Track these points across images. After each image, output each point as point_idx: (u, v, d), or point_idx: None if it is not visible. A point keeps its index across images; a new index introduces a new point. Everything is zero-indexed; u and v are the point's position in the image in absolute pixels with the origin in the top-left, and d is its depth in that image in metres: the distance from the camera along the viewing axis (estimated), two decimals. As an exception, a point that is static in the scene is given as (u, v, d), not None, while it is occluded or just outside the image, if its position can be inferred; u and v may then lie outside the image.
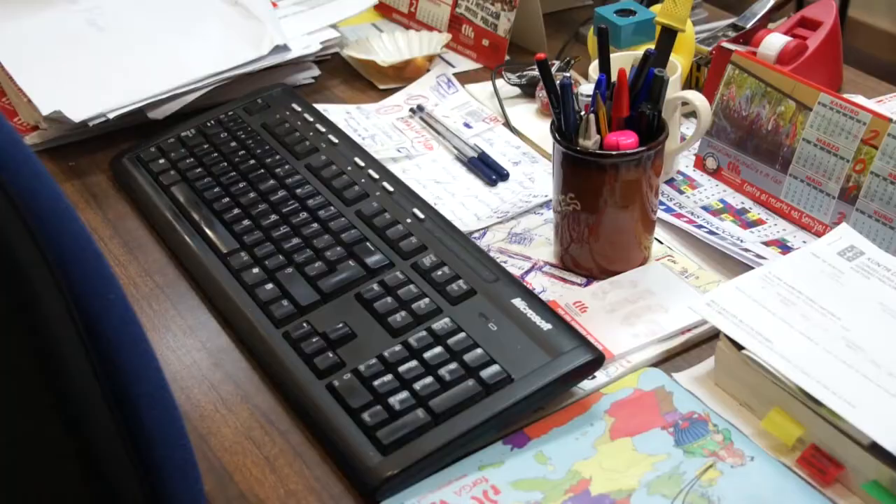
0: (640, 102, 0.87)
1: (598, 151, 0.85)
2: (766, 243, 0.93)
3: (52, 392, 0.56)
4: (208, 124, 1.07)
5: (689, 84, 1.14)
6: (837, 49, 1.15)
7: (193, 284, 0.91)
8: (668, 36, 0.91)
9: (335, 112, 1.14)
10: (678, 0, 0.90)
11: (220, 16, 1.20)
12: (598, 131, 0.85)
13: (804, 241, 0.93)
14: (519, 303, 0.80)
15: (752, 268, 0.85)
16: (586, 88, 0.89)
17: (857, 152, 0.91)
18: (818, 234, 0.93)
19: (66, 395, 0.56)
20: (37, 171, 0.58)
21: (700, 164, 1.04)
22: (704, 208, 0.99)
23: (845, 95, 1.05)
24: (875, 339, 0.75)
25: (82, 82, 1.11)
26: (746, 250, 0.90)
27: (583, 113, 0.86)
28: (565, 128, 0.86)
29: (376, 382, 0.75)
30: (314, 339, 0.80)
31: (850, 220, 0.91)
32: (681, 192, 1.01)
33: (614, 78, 0.87)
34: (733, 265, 0.90)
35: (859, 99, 1.05)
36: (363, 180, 0.96)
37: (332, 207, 0.93)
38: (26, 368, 0.57)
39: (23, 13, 1.22)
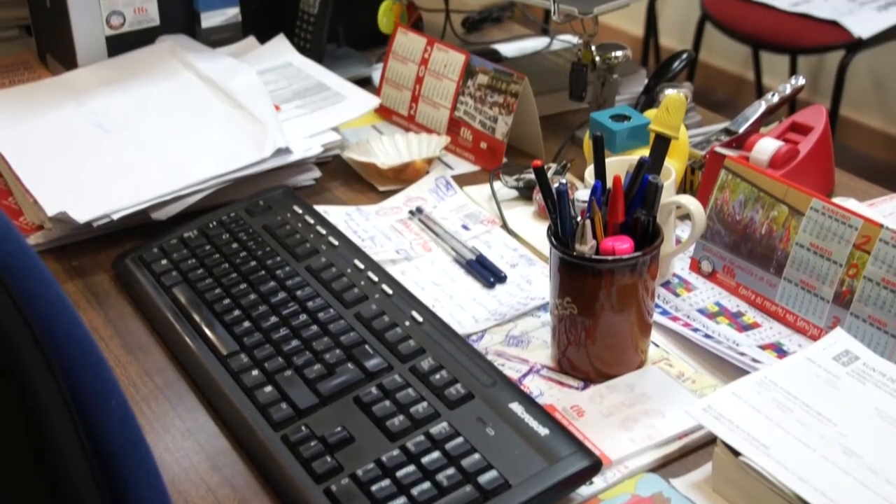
0: (636, 208, 0.88)
1: (594, 257, 0.86)
2: (762, 347, 0.94)
3: (50, 496, 0.57)
4: (210, 225, 1.09)
5: (683, 187, 1.16)
6: (829, 153, 1.18)
7: (193, 386, 0.92)
8: (662, 143, 0.93)
9: (335, 213, 1.16)
10: (671, 109, 0.92)
11: (225, 119, 1.22)
12: (595, 236, 0.87)
13: (800, 345, 0.94)
14: (516, 407, 0.81)
15: (749, 372, 0.86)
16: (582, 194, 0.91)
17: (850, 257, 0.92)
18: (813, 338, 0.94)
19: (65, 499, 0.57)
20: (43, 276, 0.59)
21: (695, 266, 1.05)
22: (700, 311, 1.00)
23: (837, 199, 1.07)
24: (871, 445, 0.75)
25: (88, 183, 1.13)
26: (742, 354, 0.91)
27: (579, 218, 0.87)
28: (562, 233, 0.88)
29: (374, 487, 0.75)
30: (312, 443, 0.80)
31: (845, 325, 0.92)
32: (676, 295, 1.02)
33: (610, 183, 0.88)
34: (730, 369, 0.90)
35: (851, 202, 1.07)
36: (362, 283, 0.97)
37: (331, 310, 0.94)
38: (25, 472, 0.57)
39: (32, 114, 1.25)
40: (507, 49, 1.56)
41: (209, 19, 1.42)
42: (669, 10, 3.85)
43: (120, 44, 1.38)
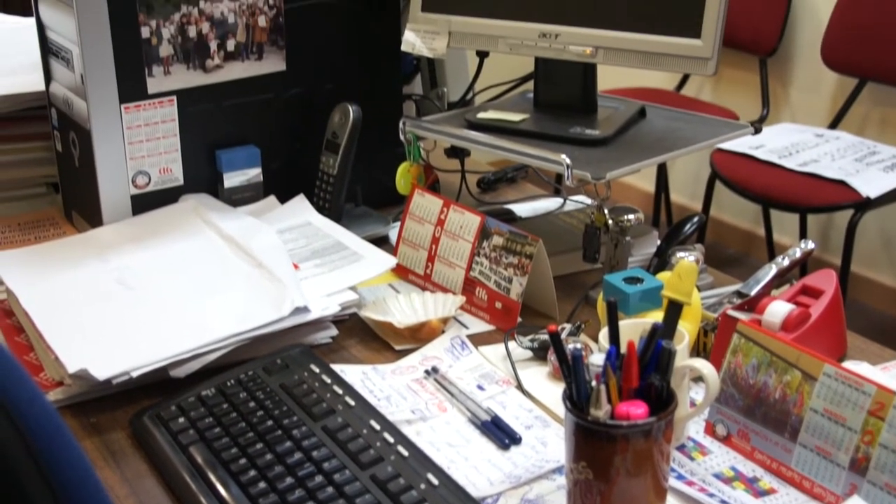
0: (650, 373, 0.89)
1: (609, 422, 0.87)
2: (779, 513, 0.94)
3: None
4: (228, 384, 1.10)
5: (696, 349, 1.18)
6: (840, 317, 1.19)
7: (207, 547, 0.91)
8: (675, 309, 0.94)
9: (352, 372, 1.17)
10: (683, 275, 0.94)
11: (245, 277, 1.25)
12: (610, 401, 0.88)
13: (816, 512, 0.94)
14: (532, 574, 0.80)
15: (765, 540, 0.86)
16: (597, 359, 0.92)
17: (865, 423, 0.92)
18: (830, 505, 0.93)
19: None
20: (67, 441, 0.60)
21: (710, 430, 1.05)
22: (716, 476, 1.00)
23: (849, 363, 1.08)
24: None
25: (108, 340, 1.15)
26: (759, 521, 0.90)
27: (594, 383, 0.88)
28: (577, 397, 0.89)
29: None
30: None
31: (862, 492, 0.91)
32: (692, 459, 1.02)
33: (624, 349, 0.90)
34: (746, 536, 0.90)
35: (864, 367, 1.08)
36: (378, 444, 0.98)
37: (347, 471, 0.94)
38: None
39: (57, 271, 1.28)
40: (522, 209, 1.60)
41: (231, 179, 1.46)
42: (680, 168, 3.93)
43: (144, 202, 1.42)
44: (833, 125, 3.31)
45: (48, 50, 1.46)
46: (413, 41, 1.47)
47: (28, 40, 1.57)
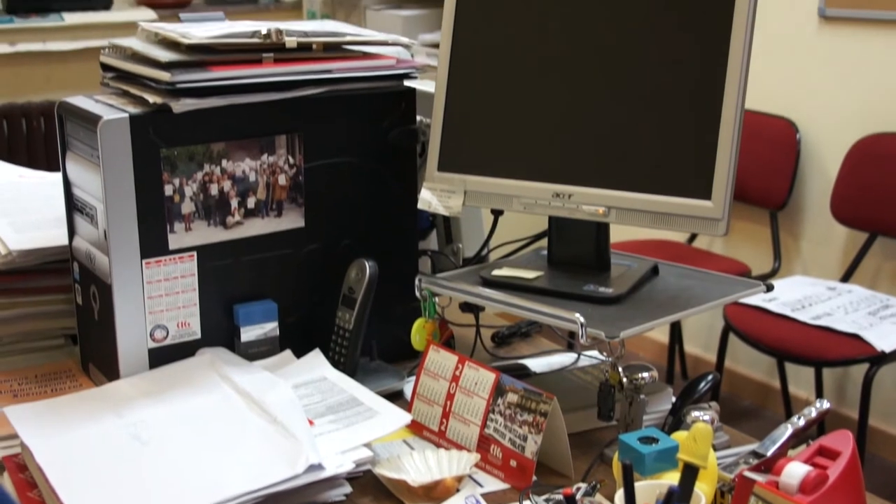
0: (667, 538, 0.88)
1: (626, 589, 0.86)
2: None
3: None
4: (240, 543, 1.09)
5: (713, 511, 1.16)
6: (858, 478, 1.18)
7: None
8: (691, 472, 0.94)
9: (365, 531, 1.16)
10: (699, 438, 0.95)
11: (260, 433, 1.25)
12: (626, 567, 0.87)
13: None
14: None
15: None
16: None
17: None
18: None
19: None
20: None
21: None
22: None
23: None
24: None
25: (122, 497, 1.14)
26: None
27: (610, 548, 0.88)
28: (593, 562, 0.88)
29: None
30: None
31: None
32: None
33: (640, 513, 0.89)
34: None
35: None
36: None
37: None
38: None
39: (72, 426, 1.28)
40: (536, 364, 1.60)
41: (248, 333, 1.48)
42: (694, 320, 3.93)
43: (162, 356, 1.43)
44: (845, 278, 3.33)
45: (73, 206, 1.49)
46: (429, 199, 1.50)
47: (53, 195, 1.61)
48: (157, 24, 1.50)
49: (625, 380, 1.29)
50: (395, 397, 1.45)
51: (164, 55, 1.39)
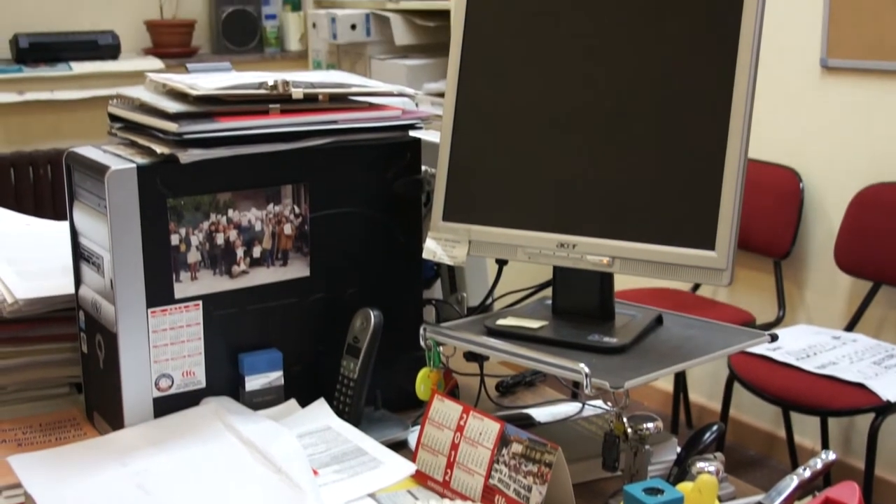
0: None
1: None
2: None
3: None
4: None
5: (719, 563, 1.16)
6: (865, 531, 1.17)
7: None
8: (697, 524, 0.94)
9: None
10: (704, 490, 0.94)
11: (264, 483, 1.25)
12: None
13: None
14: None
15: None
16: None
17: None
18: None
19: None
20: None
21: None
22: None
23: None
24: None
25: (124, 548, 1.14)
26: None
27: None
28: None
29: None
30: None
31: None
32: None
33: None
34: None
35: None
36: None
37: None
38: None
39: (76, 476, 1.28)
40: (540, 414, 1.60)
41: (253, 382, 1.48)
42: (698, 369, 3.93)
43: (166, 404, 1.43)
44: (849, 327, 3.33)
45: (80, 255, 1.50)
46: (434, 249, 1.51)
47: (59, 244, 1.62)
48: (164, 76, 1.52)
49: (629, 430, 1.29)
50: (399, 447, 1.45)
51: (172, 106, 1.40)
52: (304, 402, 1.50)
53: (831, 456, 1.26)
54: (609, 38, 1.39)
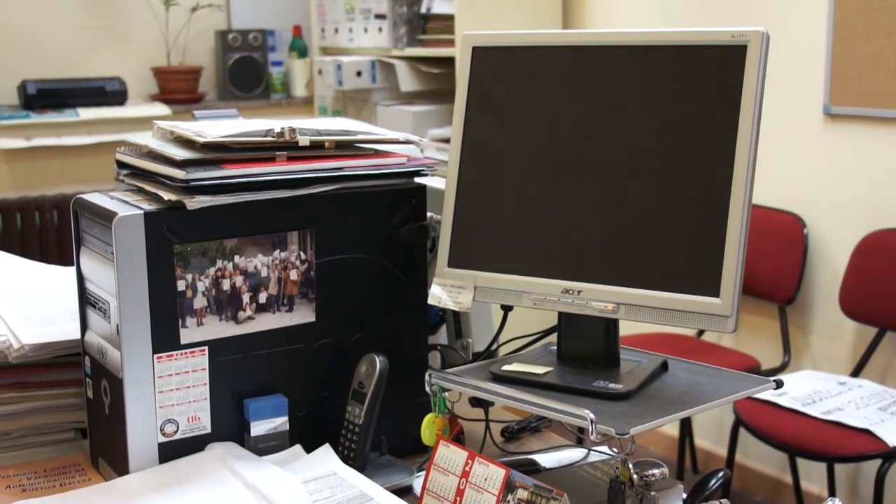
0: None
1: None
2: None
3: None
4: None
5: None
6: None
7: None
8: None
9: None
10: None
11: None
12: None
13: None
14: None
15: None
16: None
17: None
18: None
19: None
20: None
21: None
22: None
23: None
24: None
25: None
26: None
27: None
28: None
29: None
30: None
31: None
32: None
33: None
34: None
35: None
36: None
37: None
38: None
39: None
40: (546, 459, 1.60)
41: (258, 428, 1.48)
42: (704, 414, 3.90)
43: (172, 450, 1.43)
44: (855, 373, 3.32)
45: (86, 300, 1.51)
46: (439, 295, 1.51)
47: (65, 289, 1.63)
48: (172, 123, 1.53)
49: (635, 476, 1.29)
50: (404, 493, 1.45)
51: (179, 153, 1.42)
52: (309, 448, 1.50)
53: (838, 503, 1.26)
54: (614, 88, 1.41)
